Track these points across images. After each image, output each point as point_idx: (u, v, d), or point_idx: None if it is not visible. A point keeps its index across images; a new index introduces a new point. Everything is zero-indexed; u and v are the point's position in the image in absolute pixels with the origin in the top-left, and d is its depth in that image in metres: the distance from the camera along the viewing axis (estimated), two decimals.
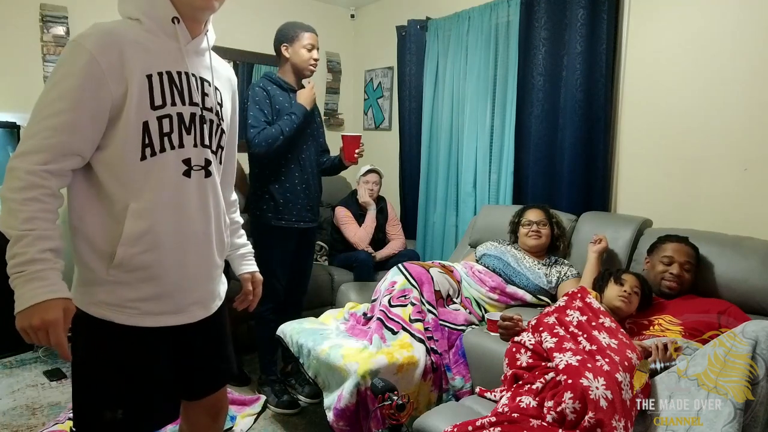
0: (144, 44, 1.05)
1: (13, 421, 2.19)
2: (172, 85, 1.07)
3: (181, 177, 1.10)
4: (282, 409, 2.35)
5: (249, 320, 2.93)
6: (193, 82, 1.12)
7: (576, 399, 1.34)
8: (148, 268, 1.08)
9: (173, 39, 1.09)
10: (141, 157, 1.04)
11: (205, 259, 1.18)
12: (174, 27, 1.08)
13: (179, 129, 1.08)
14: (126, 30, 1.04)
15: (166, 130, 1.06)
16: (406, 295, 2.12)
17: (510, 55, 2.91)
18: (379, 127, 4.06)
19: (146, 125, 1.04)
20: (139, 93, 1.03)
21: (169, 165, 1.08)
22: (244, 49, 3.63)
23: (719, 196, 2.22)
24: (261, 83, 2.28)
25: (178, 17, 1.07)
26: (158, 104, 1.05)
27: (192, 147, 1.11)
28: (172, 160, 1.08)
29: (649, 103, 2.43)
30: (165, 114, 1.06)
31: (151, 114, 1.04)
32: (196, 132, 1.12)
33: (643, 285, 1.90)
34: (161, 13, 1.06)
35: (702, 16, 2.24)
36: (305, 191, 2.33)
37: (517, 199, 2.92)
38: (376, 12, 4.06)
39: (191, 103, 1.11)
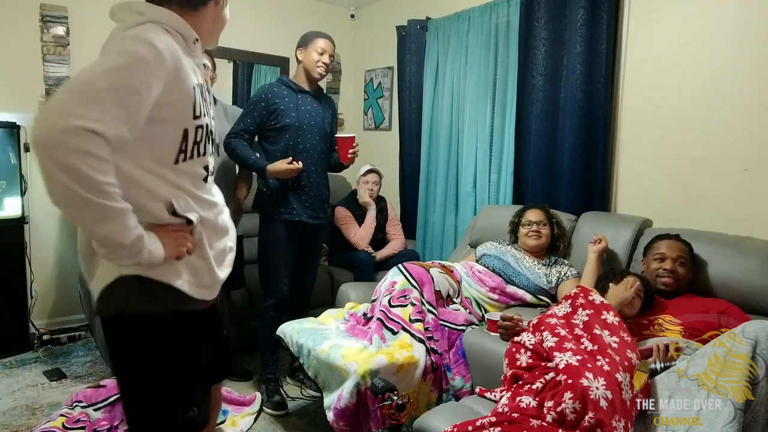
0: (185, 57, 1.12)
1: (13, 421, 2.19)
2: (203, 97, 1.16)
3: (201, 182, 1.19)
4: (269, 408, 2.35)
5: (250, 320, 2.93)
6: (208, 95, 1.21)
7: (576, 399, 1.34)
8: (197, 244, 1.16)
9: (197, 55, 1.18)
10: (174, 161, 1.11)
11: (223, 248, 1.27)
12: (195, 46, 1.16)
13: (205, 138, 1.17)
14: (173, 40, 1.09)
15: (198, 139, 1.14)
16: (406, 295, 2.12)
17: (510, 55, 2.91)
18: (379, 127, 4.06)
19: (186, 132, 1.11)
20: (187, 101, 1.09)
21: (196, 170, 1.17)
22: (244, 49, 3.63)
23: (719, 196, 2.22)
24: (269, 85, 2.39)
25: (198, 38, 1.16)
26: (198, 114, 1.12)
27: (209, 155, 1.21)
28: (199, 165, 1.17)
29: (649, 103, 2.43)
30: (200, 124, 1.14)
31: (192, 123, 1.11)
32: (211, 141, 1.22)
33: (646, 287, 1.89)
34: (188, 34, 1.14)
35: (702, 16, 2.24)
36: (307, 188, 2.36)
37: (517, 199, 2.92)
38: (376, 12, 4.06)
39: (209, 114, 1.20)
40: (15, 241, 2.79)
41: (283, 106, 2.30)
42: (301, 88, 2.37)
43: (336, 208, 3.28)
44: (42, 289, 3.05)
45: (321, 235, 2.57)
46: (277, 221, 2.35)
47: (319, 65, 2.33)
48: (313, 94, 2.40)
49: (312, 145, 2.36)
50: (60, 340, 3.00)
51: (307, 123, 2.33)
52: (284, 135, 2.32)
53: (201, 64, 1.20)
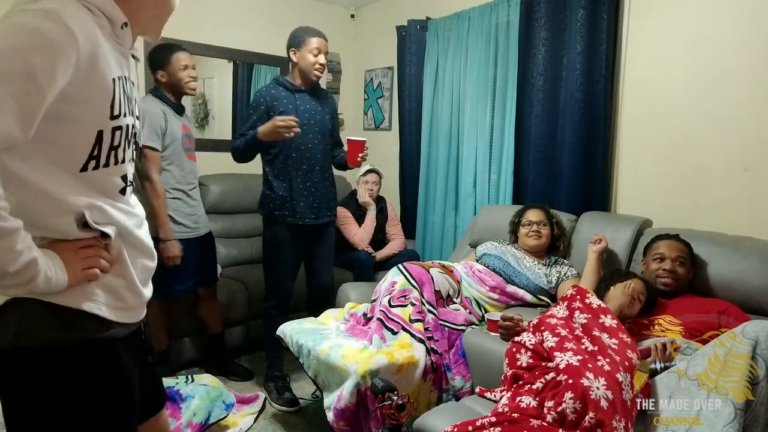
0: (107, 42, 0.91)
1: None
2: (123, 93, 0.94)
3: (117, 195, 0.98)
4: (282, 406, 2.37)
5: (249, 320, 2.94)
6: (129, 88, 0.98)
7: (576, 399, 1.34)
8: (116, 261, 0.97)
9: (123, 43, 0.96)
10: (82, 168, 0.90)
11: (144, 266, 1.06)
12: (123, 32, 0.95)
13: (125, 143, 0.96)
14: (93, 21, 0.88)
15: (116, 143, 0.93)
16: (406, 295, 2.12)
17: (510, 55, 2.91)
18: (379, 127, 4.06)
19: (100, 135, 0.90)
20: (103, 96, 0.89)
21: (111, 181, 0.96)
22: (244, 49, 3.63)
23: (719, 196, 2.22)
24: (266, 87, 2.38)
25: (127, 22, 0.95)
26: (117, 113, 0.92)
27: (129, 162, 1.00)
28: (114, 175, 0.96)
29: (648, 103, 2.43)
30: (119, 125, 0.93)
31: (108, 123, 0.91)
32: (132, 146, 1.01)
33: (650, 291, 1.88)
34: (116, 15, 0.93)
35: (702, 16, 2.24)
36: (309, 189, 2.37)
37: (517, 199, 2.92)
38: (376, 12, 4.05)
39: (132, 113, 0.99)
40: None
41: (282, 108, 2.30)
42: (297, 87, 2.36)
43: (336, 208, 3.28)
44: None
45: (329, 234, 2.55)
46: (281, 224, 2.36)
47: (317, 68, 2.31)
48: (310, 92, 2.40)
49: (314, 145, 2.36)
50: None
51: (307, 122, 2.33)
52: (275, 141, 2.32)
53: (129, 54, 0.99)
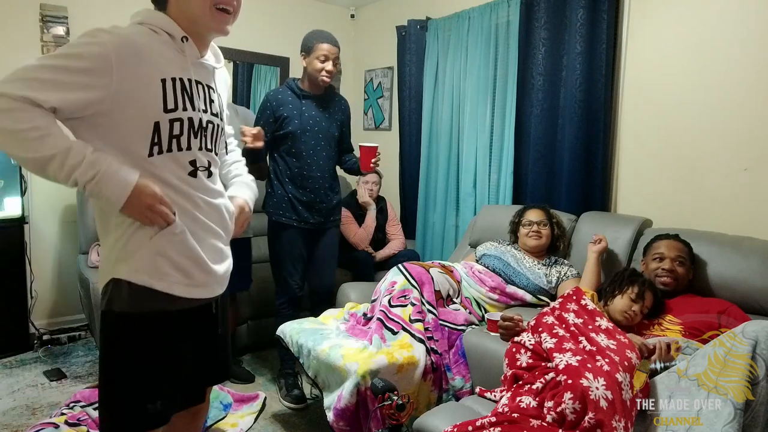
0: (160, 52, 1.14)
1: (13, 421, 2.19)
2: (183, 91, 1.16)
3: (187, 176, 1.19)
4: (290, 402, 2.40)
5: (249, 321, 2.94)
6: (201, 90, 1.22)
7: (576, 399, 1.34)
8: (180, 241, 1.16)
9: (184, 52, 1.19)
10: (149, 153, 1.12)
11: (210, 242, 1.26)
12: (184, 44, 1.18)
13: (188, 133, 1.17)
14: (145, 36, 1.13)
15: (176, 133, 1.15)
16: (406, 295, 2.12)
17: (510, 55, 2.91)
18: (379, 127, 4.06)
19: (157, 125, 1.12)
20: (153, 94, 1.11)
21: (176, 164, 1.16)
22: (244, 49, 3.63)
23: (719, 196, 2.22)
24: (274, 91, 2.42)
25: (187, 36, 1.18)
26: (170, 108, 1.13)
27: (197, 150, 1.20)
28: (179, 159, 1.17)
29: (649, 103, 2.43)
30: (176, 117, 1.14)
31: (164, 116, 1.12)
32: (202, 137, 1.21)
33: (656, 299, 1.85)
34: (174, 31, 1.17)
35: (702, 16, 2.24)
36: (309, 195, 2.39)
37: (517, 199, 2.92)
38: (376, 12, 4.06)
39: (200, 109, 1.20)
40: (15, 241, 2.79)
41: (287, 113, 2.33)
42: (306, 93, 2.37)
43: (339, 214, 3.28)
44: (42, 289, 3.05)
45: (330, 237, 2.56)
46: (284, 224, 2.39)
47: (323, 74, 2.30)
48: (319, 97, 2.39)
49: (316, 151, 2.37)
50: (60, 340, 3.00)
51: (310, 129, 2.34)
52: (287, 141, 2.35)
53: (199, 63, 1.23)
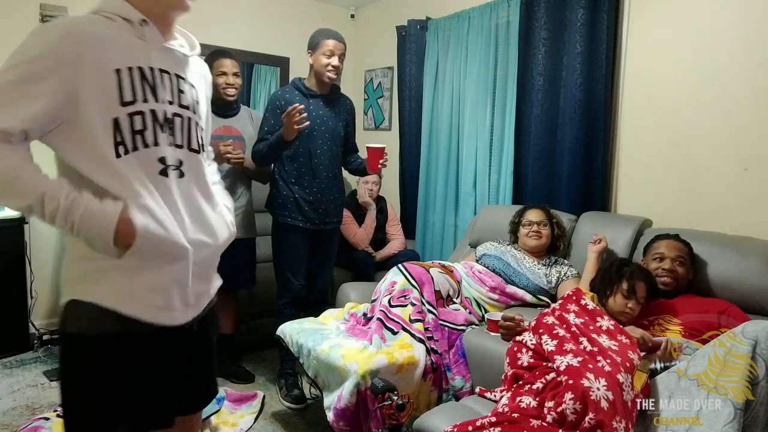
0: (114, 39, 1.02)
1: (13, 421, 2.19)
2: (143, 81, 1.04)
3: (157, 176, 1.05)
4: (290, 402, 2.40)
5: (249, 320, 2.94)
6: (167, 79, 1.09)
7: (577, 400, 1.34)
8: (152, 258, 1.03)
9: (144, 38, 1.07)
10: (115, 154, 1.00)
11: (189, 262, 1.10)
12: (143, 28, 1.06)
13: (153, 127, 1.05)
14: (95, 24, 1.02)
15: (138, 128, 1.02)
16: (406, 295, 2.12)
17: (510, 55, 2.91)
18: (379, 127, 4.06)
19: (117, 122, 1.00)
20: (106, 88, 0.99)
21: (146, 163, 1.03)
22: (244, 49, 3.63)
23: (719, 196, 2.22)
24: (281, 90, 2.42)
25: (146, 19, 1.06)
26: (128, 100, 1.01)
27: (167, 146, 1.07)
28: (147, 158, 1.04)
29: (649, 103, 2.43)
30: (136, 111, 1.02)
31: (122, 110, 1.01)
32: (172, 130, 1.08)
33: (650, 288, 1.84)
34: (130, 14, 1.05)
35: (702, 16, 2.24)
36: (315, 195, 2.39)
37: (517, 199, 2.92)
38: (376, 12, 4.05)
39: (165, 100, 1.07)
40: (15, 241, 2.79)
41: None
42: (312, 92, 2.37)
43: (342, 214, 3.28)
44: (42, 289, 3.05)
45: (331, 239, 2.57)
46: (290, 226, 2.39)
47: (329, 69, 2.31)
48: (325, 97, 2.40)
49: (323, 151, 2.37)
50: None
51: (317, 128, 2.34)
52: (295, 140, 2.32)
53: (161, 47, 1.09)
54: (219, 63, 2.49)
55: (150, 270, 1.04)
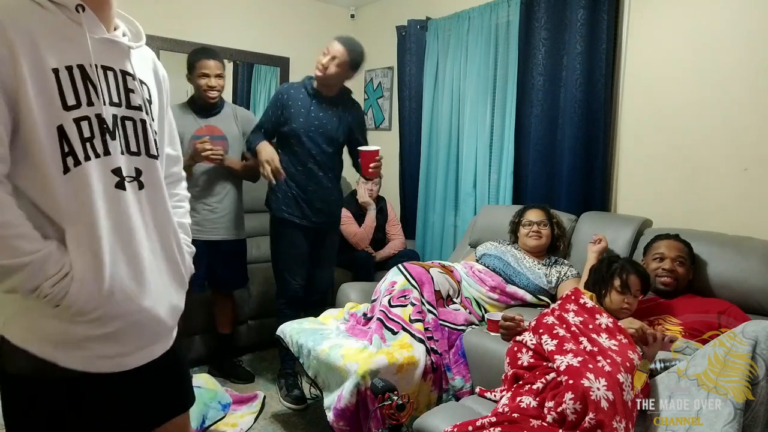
0: (49, 33, 0.87)
1: None
2: (86, 80, 0.90)
3: (114, 190, 0.92)
4: (290, 403, 2.40)
5: (249, 321, 2.94)
6: (111, 77, 0.94)
7: (577, 400, 1.34)
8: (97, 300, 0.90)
9: (81, 28, 0.91)
10: (64, 169, 0.87)
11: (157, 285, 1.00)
12: (80, 16, 0.90)
13: (101, 133, 0.91)
14: (27, 14, 0.86)
15: (86, 135, 0.89)
16: (406, 295, 2.12)
17: (510, 55, 2.91)
18: (379, 127, 4.06)
19: (62, 129, 0.87)
20: (47, 90, 0.86)
21: (98, 176, 0.90)
22: (244, 49, 3.63)
23: (719, 196, 2.22)
24: (289, 84, 2.45)
25: (83, 5, 0.90)
26: (71, 104, 0.88)
27: (120, 154, 0.94)
28: (99, 169, 0.91)
29: (649, 103, 2.43)
30: (82, 116, 0.89)
31: (66, 116, 0.87)
32: (122, 136, 0.95)
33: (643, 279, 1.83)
34: (65, 0, 0.89)
35: (702, 16, 2.24)
36: (310, 194, 2.39)
37: (517, 199, 2.92)
38: (376, 12, 4.05)
39: (111, 102, 0.94)
40: None
41: (294, 109, 2.32)
42: (317, 92, 2.36)
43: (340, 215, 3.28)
44: None
45: (330, 238, 2.56)
46: (286, 221, 2.39)
47: (317, 66, 2.31)
48: (330, 99, 2.38)
49: (318, 152, 2.36)
50: None
51: (314, 130, 2.34)
52: (290, 138, 2.35)
53: (102, 39, 0.94)
54: (201, 64, 2.41)
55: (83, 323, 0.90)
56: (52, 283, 0.85)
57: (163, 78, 1.14)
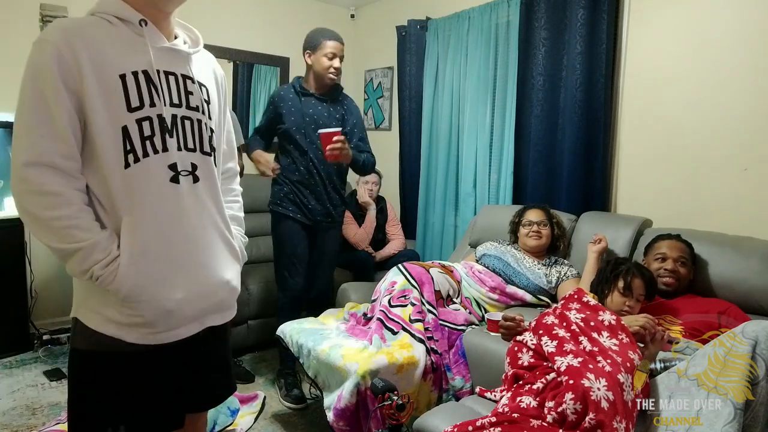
0: (115, 43, 1.00)
1: (13, 421, 2.19)
2: (149, 84, 1.02)
3: (169, 183, 1.03)
4: (290, 402, 2.39)
5: (249, 321, 2.94)
6: (173, 81, 1.06)
7: (577, 400, 1.33)
8: (152, 285, 1.02)
9: (144, 39, 1.03)
10: (125, 164, 0.99)
11: (208, 267, 1.11)
12: (143, 29, 1.03)
13: (161, 132, 1.02)
14: (94, 27, 1.00)
15: (147, 134, 1.00)
16: (406, 295, 2.12)
17: (510, 55, 2.91)
18: (379, 127, 4.06)
19: (126, 130, 0.99)
20: (113, 94, 0.98)
21: (155, 171, 1.02)
22: (244, 49, 3.63)
23: (719, 196, 2.22)
24: (280, 87, 2.50)
25: (145, 20, 1.03)
26: (135, 106, 0.99)
27: (176, 151, 1.04)
28: (157, 165, 1.02)
29: (649, 103, 2.43)
30: (144, 116, 1.00)
31: (129, 117, 0.99)
32: (180, 134, 1.05)
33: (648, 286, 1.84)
34: (128, 15, 1.02)
35: (702, 17, 2.24)
36: (308, 192, 2.39)
37: (517, 199, 2.92)
38: (376, 12, 4.05)
39: (172, 103, 1.05)
40: (15, 241, 2.79)
41: (285, 110, 2.35)
42: (306, 91, 2.37)
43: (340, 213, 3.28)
44: (42, 289, 3.05)
45: (330, 237, 2.55)
46: (288, 219, 2.40)
47: (331, 71, 2.31)
48: (320, 96, 2.39)
49: (313, 148, 2.36)
50: (60, 340, 3.00)
51: (306, 127, 2.34)
52: (286, 138, 2.37)
53: (163, 47, 1.06)
54: None
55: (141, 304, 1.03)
56: (101, 266, 0.97)
57: (222, 79, 1.24)
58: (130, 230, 1.00)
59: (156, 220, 1.02)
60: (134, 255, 1.00)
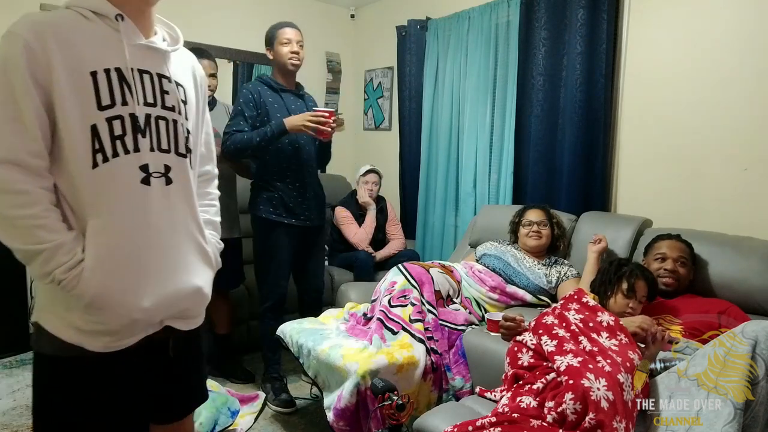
0: (89, 39, 0.96)
1: (13, 421, 2.19)
2: (122, 82, 0.98)
3: (139, 185, 0.99)
4: (278, 407, 2.36)
5: (249, 320, 2.94)
6: (147, 80, 1.02)
7: (577, 400, 1.34)
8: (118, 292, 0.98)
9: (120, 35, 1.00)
10: (93, 164, 0.95)
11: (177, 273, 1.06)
12: (119, 24, 0.99)
13: (133, 131, 0.98)
14: (67, 21, 0.96)
15: (117, 133, 0.97)
16: (406, 295, 2.12)
17: (510, 55, 2.91)
18: (379, 127, 4.06)
19: (95, 128, 0.95)
20: (83, 92, 0.94)
21: (124, 172, 0.98)
22: (244, 49, 3.63)
23: (719, 196, 2.22)
24: (252, 84, 2.37)
25: (122, 15, 0.99)
26: (106, 104, 0.96)
27: (149, 151, 1.01)
28: (127, 165, 0.98)
29: (648, 103, 2.43)
30: (115, 115, 0.97)
31: (99, 115, 0.95)
32: (153, 134, 1.02)
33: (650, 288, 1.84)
34: (105, 10, 0.99)
35: (702, 17, 2.24)
36: (299, 190, 2.35)
37: (517, 199, 2.92)
38: (376, 12, 4.05)
39: (146, 102, 1.01)
40: None
41: (269, 107, 2.29)
42: (282, 87, 2.35)
43: (336, 208, 3.28)
44: None
45: (321, 237, 2.55)
46: (276, 225, 2.32)
47: (291, 56, 2.27)
48: (294, 92, 2.39)
49: (300, 145, 2.33)
50: None
51: None
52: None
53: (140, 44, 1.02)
54: None
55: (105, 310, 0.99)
56: (64, 270, 0.93)
57: (202, 79, 1.20)
58: (96, 233, 0.96)
59: (124, 223, 0.98)
60: (100, 259, 0.96)
